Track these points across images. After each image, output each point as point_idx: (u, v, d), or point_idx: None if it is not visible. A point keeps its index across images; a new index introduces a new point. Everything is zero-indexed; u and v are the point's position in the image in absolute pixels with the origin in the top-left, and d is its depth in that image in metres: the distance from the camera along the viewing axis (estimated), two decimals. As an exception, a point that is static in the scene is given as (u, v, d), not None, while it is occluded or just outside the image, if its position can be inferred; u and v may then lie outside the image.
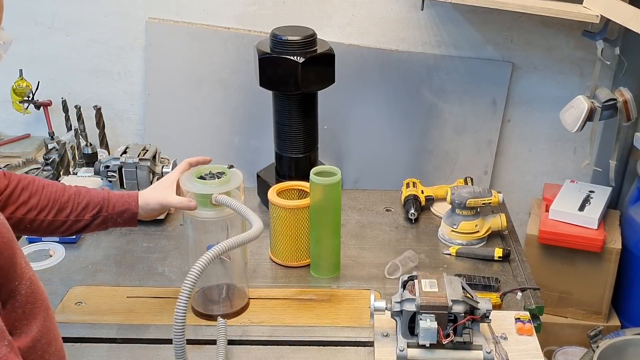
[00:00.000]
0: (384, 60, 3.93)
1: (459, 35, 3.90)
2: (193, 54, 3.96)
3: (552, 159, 4.20)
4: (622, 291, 3.86)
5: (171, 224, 3.14)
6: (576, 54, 3.92)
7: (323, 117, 3.28)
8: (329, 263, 2.80)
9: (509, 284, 2.76)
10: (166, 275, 2.80)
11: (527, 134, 4.14)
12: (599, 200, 3.76)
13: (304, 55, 2.97)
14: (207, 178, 2.44)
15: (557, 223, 3.69)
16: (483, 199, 3.00)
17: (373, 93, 3.97)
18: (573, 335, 3.86)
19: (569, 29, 3.83)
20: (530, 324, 2.48)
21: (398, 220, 3.23)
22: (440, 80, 3.95)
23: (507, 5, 3.32)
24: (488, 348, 2.31)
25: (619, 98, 3.39)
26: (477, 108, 4.01)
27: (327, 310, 2.61)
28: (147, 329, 2.48)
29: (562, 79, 3.97)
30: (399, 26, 3.89)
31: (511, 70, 3.96)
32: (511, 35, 3.90)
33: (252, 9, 3.88)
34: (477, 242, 3.02)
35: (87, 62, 4.06)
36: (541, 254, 3.78)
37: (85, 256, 2.88)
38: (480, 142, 4.09)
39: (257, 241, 2.97)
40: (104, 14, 3.92)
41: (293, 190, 2.91)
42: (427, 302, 2.28)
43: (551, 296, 3.84)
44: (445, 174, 4.16)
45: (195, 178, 2.43)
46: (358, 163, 4.13)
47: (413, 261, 2.85)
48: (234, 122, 4.05)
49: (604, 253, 3.68)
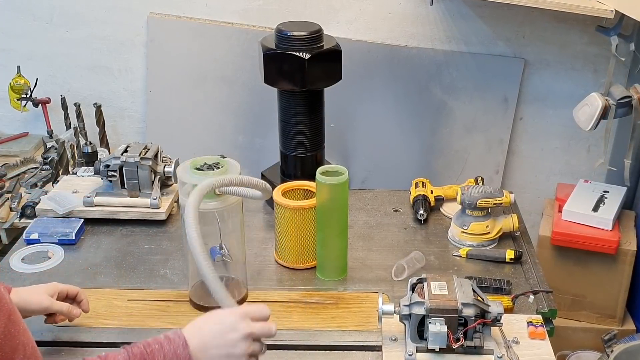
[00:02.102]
0: (393, 56, 3.93)
1: (469, 30, 3.90)
2: (196, 50, 3.96)
3: (565, 158, 4.20)
4: (637, 294, 3.86)
5: (173, 225, 3.14)
6: (590, 50, 3.92)
7: (329, 115, 3.28)
8: (336, 265, 2.80)
9: (521, 286, 2.75)
10: (168, 277, 2.80)
11: (539, 133, 4.14)
12: (613, 201, 3.76)
13: (310, 51, 2.97)
14: (205, 169, 2.47)
15: (571, 224, 3.69)
16: (494, 200, 2.99)
17: (381, 90, 3.97)
18: (586, 339, 3.86)
19: (583, 25, 3.84)
20: (542, 327, 2.48)
21: (407, 221, 3.22)
22: (450, 77, 3.96)
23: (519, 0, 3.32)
24: (499, 352, 2.31)
25: (634, 95, 3.38)
26: (488, 105, 4.01)
27: (333, 313, 2.60)
28: (148, 332, 2.45)
29: (575, 75, 3.98)
30: (407, 21, 3.89)
31: (523, 67, 3.96)
32: (523, 31, 3.90)
33: (256, 4, 3.89)
34: (488, 243, 3.02)
35: (87, 59, 4.06)
36: (554, 256, 3.78)
37: (85, 258, 2.88)
38: (492, 140, 4.09)
39: (262, 242, 3.00)
40: (104, 9, 3.93)
41: (299, 190, 2.91)
42: (437, 305, 2.28)
43: (564, 299, 3.85)
44: (455, 174, 4.17)
45: (193, 170, 2.46)
46: (365, 162, 4.13)
47: (420, 262, 2.85)
48: (238, 120, 4.06)
49: (619, 255, 3.68)
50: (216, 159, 2.51)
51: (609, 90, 3.41)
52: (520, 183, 4.27)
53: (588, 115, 3.38)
